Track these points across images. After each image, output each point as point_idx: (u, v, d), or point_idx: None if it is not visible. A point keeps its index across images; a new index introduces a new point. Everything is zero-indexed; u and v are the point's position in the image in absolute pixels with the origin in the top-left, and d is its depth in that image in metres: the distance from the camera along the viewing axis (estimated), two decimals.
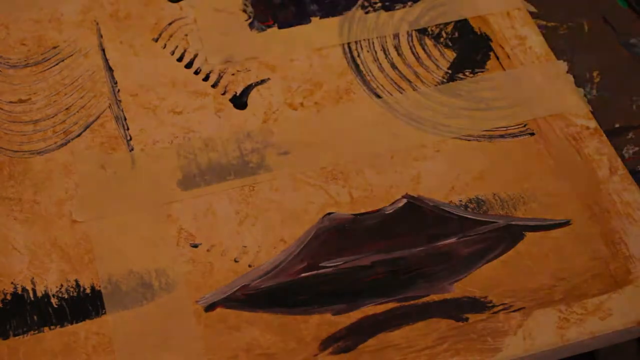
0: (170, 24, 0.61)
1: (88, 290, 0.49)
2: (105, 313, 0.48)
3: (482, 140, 0.56)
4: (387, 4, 0.63)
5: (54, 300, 0.49)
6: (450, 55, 0.61)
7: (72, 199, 0.53)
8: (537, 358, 0.48)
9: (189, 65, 0.59)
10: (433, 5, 0.63)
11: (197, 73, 0.59)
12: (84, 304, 0.49)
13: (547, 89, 0.58)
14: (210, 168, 0.54)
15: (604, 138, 0.56)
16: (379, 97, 0.58)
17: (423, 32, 0.62)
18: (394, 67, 0.60)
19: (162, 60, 0.60)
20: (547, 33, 0.62)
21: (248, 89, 0.58)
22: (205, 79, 0.59)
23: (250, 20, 0.62)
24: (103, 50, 0.60)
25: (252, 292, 0.49)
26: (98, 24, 0.61)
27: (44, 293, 0.49)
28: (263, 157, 0.55)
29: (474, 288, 0.50)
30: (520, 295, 0.49)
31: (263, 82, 0.59)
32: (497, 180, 0.54)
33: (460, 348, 0.47)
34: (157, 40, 0.61)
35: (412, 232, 0.52)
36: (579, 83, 0.61)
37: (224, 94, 0.58)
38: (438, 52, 0.61)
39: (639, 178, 0.55)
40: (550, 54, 0.60)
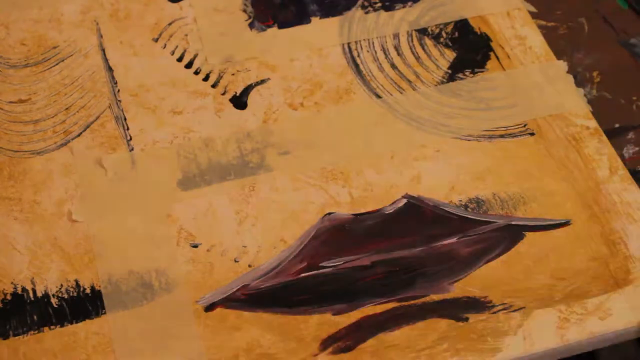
0: (170, 24, 0.61)
1: (88, 290, 0.49)
2: (105, 313, 0.48)
3: (482, 140, 0.56)
4: (387, 4, 0.63)
5: (54, 300, 0.49)
6: (450, 55, 0.61)
7: (72, 199, 0.53)
8: (537, 358, 0.48)
9: (189, 65, 0.59)
10: (433, 5, 0.63)
11: (197, 73, 0.59)
12: (84, 304, 0.49)
13: (547, 89, 0.58)
14: (210, 168, 0.54)
15: (604, 138, 0.56)
16: (379, 97, 0.58)
17: (423, 32, 0.62)
18: (394, 67, 0.60)
19: (162, 60, 0.60)
20: (547, 33, 0.62)
21: (248, 89, 0.58)
22: (205, 79, 0.59)
23: (250, 20, 0.62)
24: (103, 50, 0.60)
25: (252, 292, 0.49)
26: (98, 24, 0.61)
27: (44, 293, 0.49)
28: (263, 157, 0.55)
29: (474, 288, 0.50)
30: (520, 295, 0.49)
31: (263, 82, 0.59)
32: (497, 180, 0.54)
33: (460, 348, 0.47)
34: (157, 40, 0.61)
35: (412, 232, 0.52)
36: (579, 83, 0.61)
37: (224, 94, 0.58)
38: (438, 52, 0.61)
39: (639, 178, 0.55)
40: (550, 54, 0.60)
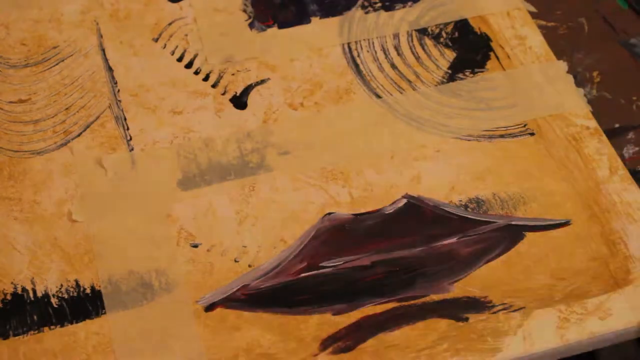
0: (170, 24, 0.61)
1: (88, 290, 0.49)
2: (105, 313, 0.48)
3: (482, 140, 0.56)
4: (387, 4, 0.63)
5: (54, 300, 0.49)
6: (450, 55, 0.61)
7: (72, 199, 0.53)
8: (537, 358, 0.48)
9: (189, 65, 0.59)
10: (433, 5, 0.63)
11: (197, 73, 0.59)
12: (84, 304, 0.49)
13: (547, 89, 0.58)
14: (210, 168, 0.54)
15: (604, 138, 0.56)
16: (379, 97, 0.58)
17: (423, 32, 0.62)
18: (394, 67, 0.60)
19: (162, 60, 0.60)
20: (547, 33, 0.62)
21: (248, 89, 0.58)
22: (205, 79, 0.59)
23: (250, 20, 0.62)
24: (103, 50, 0.60)
25: (252, 292, 0.49)
26: (98, 24, 0.61)
27: (44, 293, 0.49)
28: (263, 157, 0.55)
29: (474, 288, 0.50)
30: (520, 295, 0.49)
31: (263, 82, 0.59)
32: (497, 180, 0.54)
33: (460, 348, 0.47)
34: (157, 40, 0.61)
35: (412, 232, 0.52)
36: (579, 83, 0.61)
37: (224, 94, 0.58)
38: (438, 52, 0.61)
39: (639, 178, 0.55)
40: (550, 54, 0.60)
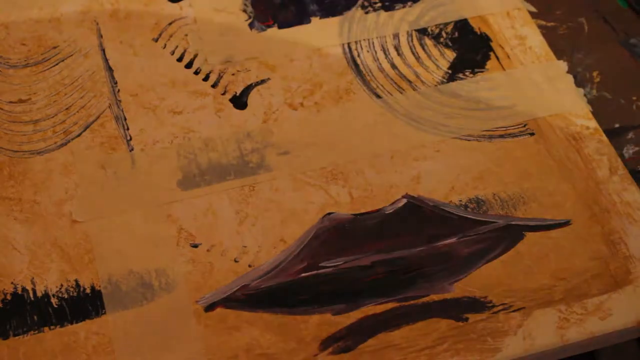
0: (170, 24, 0.61)
1: (88, 290, 0.49)
2: (105, 313, 0.48)
3: (482, 140, 0.56)
4: (387, 4, 0.63)
5: (54, 300, 0.49)
6: (450, 55, 0.61)
7: (72, 199, 0.53)
8: (537, 358, 0.48)
9: (189, 65, 0.59)
10: (433, 5, 0.63)
11: (197, 73, 0.59)
12: (84, 304, 0.49)
13: (547, 89, 0.58)
14: (210, 168, 0.54)
15: (604, 138, 0.56)
16: (379, 97, 0.58)
17: (423, 32, 0.62)
18: (394, 67, 0.60)
19: (162, 60, 0.60)
20: (547, 33, 0.62)
21: (248, 89, 0.58)
22: (205, 79, 0.59)
23: (250, 20, 0.62)
24: (103, 50, 0.60)
25: (252, 292, 0.49)
26: (98, 24, 0.61)
27: (44, 293, 0.49)
28: (263, 157, 0.55)
29: (474, 288, 0.50)
30: (520, 295, 0.49)
31: (263, 82, 0.59)
32: (497, 180, 0.54)
33: (460, 348, 0.47)
34: (157, 40, 0.61)
35: (412, 232, 0.52)
36: (579, 83, 0.61)
37: (224, 94, 0.58)
38: (438, 52, 0.61)
39: (639, 178, 0.55)
40: (550, 54, 0.60)
